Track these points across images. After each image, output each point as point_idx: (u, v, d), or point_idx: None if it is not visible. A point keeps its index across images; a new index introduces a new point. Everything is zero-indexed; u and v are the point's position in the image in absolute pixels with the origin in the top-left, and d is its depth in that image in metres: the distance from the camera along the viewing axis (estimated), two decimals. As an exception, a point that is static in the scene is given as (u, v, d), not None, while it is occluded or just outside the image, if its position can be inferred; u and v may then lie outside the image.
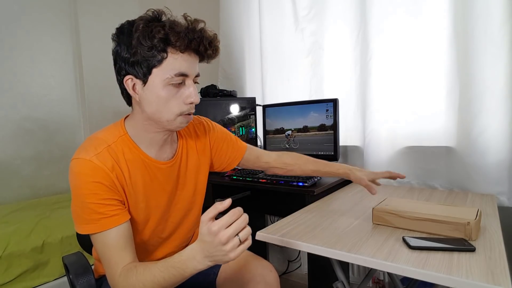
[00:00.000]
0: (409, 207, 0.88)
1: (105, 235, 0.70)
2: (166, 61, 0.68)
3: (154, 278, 0.64)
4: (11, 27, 2.09)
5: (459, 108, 1.28)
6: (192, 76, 0.73)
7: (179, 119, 0.74)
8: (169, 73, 0.69)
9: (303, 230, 0.86)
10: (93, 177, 0.69)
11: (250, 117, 1.78)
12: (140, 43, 0.67)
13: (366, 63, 1.47)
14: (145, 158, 0.78)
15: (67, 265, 0.84)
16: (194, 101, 0.73)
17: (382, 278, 1.61)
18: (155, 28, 0.66)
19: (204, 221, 0.58)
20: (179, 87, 0.71)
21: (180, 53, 0.69)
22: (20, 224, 1.53)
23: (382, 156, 1.47)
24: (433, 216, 0.80)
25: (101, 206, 0.69)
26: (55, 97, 2.27)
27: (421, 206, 0.91)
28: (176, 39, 0.67)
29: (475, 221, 0.75)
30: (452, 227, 0.77)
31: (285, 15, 1.77)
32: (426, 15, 1.35)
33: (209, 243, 0.58)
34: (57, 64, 2.30)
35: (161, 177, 0.82)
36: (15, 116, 2.08)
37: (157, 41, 0.66)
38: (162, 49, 0.67)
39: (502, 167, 1.19)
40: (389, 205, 0.91)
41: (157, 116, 0.73)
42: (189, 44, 0.68)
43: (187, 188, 0.89)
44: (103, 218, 0.69)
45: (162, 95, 0.70)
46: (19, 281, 1.38)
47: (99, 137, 0.75)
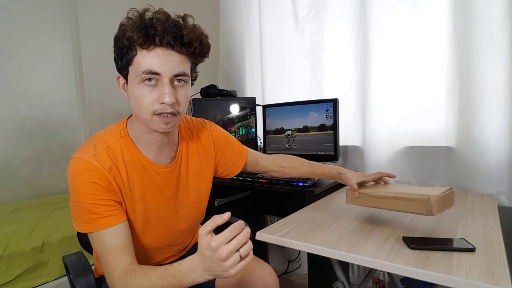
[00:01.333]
0: (381, 188, 0.91)
1: (102, 234, 0.70)
2: (136, 59, 0.68)
3: (152, 284, 0.64)
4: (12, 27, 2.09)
5: (459, 108, 1.28)
6: (168, 75, 0.68)
7: (155, 119, 0.70)
8: (138, 71, 0.68)
9: (303, 230, 0.86)
10: (90, 178, 0.69)
11: (250, 117, 1.78)
12: (116, 42, 0.70)
13: (366, 63, 1.47)
14: (144, 160, 0.78)
15: (67, 265, 0.84)
16: (166, 101, 0.68)
17: (382, 278, 1.61)
18: (123, 27, 0.68)
19: (203, 235, 0.57)
20: (155, 85, 0.69)
21: (146, 50, 0.67)
22: (20, 224, 1.53)
23: (382, 156, 1.47)
24: (399, 194, 0.82)
25: (97, 206, 0.70)
26: (55, 97, 2.27)
27: (394, 187, 0.93)
28: (137, 36, 0.66)
29: (437, 196, 0.76)
30: (415, 204, 0.78)
31: (285, 15, 1.77)
32: (426, 15, 1.35)
33: (208, 258, 0.57)
34: (57, 64, 2.30)
35: (159, 181, 0.81)
36: (15, 116, 2.08)
37: (125, 39, 0.67)
38: (129, 47, 0.68)
39: (502, 167, 1.19)
40: (363, 188, 0.94)
41: (138, 115, 0.73)
42: (151, 39, 0.66)
43: (189, 193, 0.88)
44: (99, 218, 0.70)
45: (136, 93, 0.70)
46: (19, 281, 1.38)
47: (101, 136, 0.76)
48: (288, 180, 1.31)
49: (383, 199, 0.85)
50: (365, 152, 1.52)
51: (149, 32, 0.66)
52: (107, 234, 0.70)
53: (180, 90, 0.72)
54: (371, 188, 0.93)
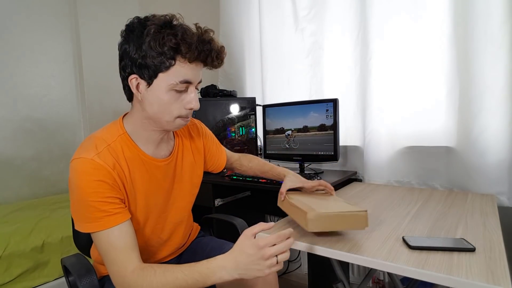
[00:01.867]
0: (306, 197, 0.93)
1: (108, 233, 0.70)
2: (173, 68, 0.70)
3: (176, 280, 0.65)
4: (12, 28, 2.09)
5: (459, 108, 1.28)
6: (195, 84, 0.76)
7: (177, 121, 0.76)
8: (174, 80, 0.71)
9: (303, 230, 0.86)
10: (96, 176, 0.70)
11: (250, 117, 1.78)
12: (151, 48, 0.68)
13: (366, 63, 1.47)
14: (143, 156, 0.80)
15: (67, 266, 0.84)
16: (194, 107, 0.75)
17: (382, 278, 1.61)
18: (167, 36, 0.68)
19: (248, 235, 0.65)
20: (181, 92, 0.74)
21: (188, 63, 0.71)
22: (20, 224, 1.53)
23: (382, 156, 1.47)
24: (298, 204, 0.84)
25: (104, 204, 0.70)
26: (55, 97, 2.28)
27: (325, 199, 0.93)
28: (187, 50, 0.69)
29: (318, 214, 0.75)
30: (300, 216, 0.80)
31: (285, 15, 1.77)
32: (426, 15, 1.35)
33: (250, 256, 0.63)
34: (57, 64, 2.30)
35: (159, 175, 0.84)
36: (15, 116, 2.09)
37: (167, 49, 0.68)
38: (171, 57, 0.69)
39: (502, 167, 1.19)
40: (293, 194, 0.97)
41: (157, 117, 0.75)
42: (198, 55, 0.71)
43: (183, 186, 0.91)
44: (106, 216, 0.70)
45: (165, 99, 0.73)
46: (19, 281, 1.38)
47: (99, 136, 0.77)
48: (288, 180, 1.31)
49: (290, 206, 0.88)
50: (365, 152, 1.52)
51: (200, 49, 0.70)
52: (114, 232, 0.70)
53: (197, 95, 0.79)
54: (299, 195, 0.95)
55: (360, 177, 1.59)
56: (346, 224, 0.78)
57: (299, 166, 1.62)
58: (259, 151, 1.82)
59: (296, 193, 0.98)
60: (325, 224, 0.76)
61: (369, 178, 1.51)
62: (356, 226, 0.78)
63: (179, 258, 1.01)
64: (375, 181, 1.49)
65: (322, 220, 0.76)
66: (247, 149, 1.77)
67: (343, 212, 0.77)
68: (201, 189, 1.01)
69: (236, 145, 1.76)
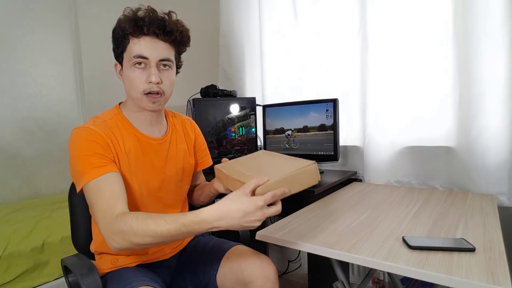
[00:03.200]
0: (244, 165, 0.85)
1: (97, 182, 0.74)
2: (129, 46, 0.83)
3: (157, 227, 0.65)
4: (11, 27, 2.09)
5: (459, 108, 1.28)
6: (154, 59, 0.83)
7: (144, 98, 0.84)
8: (130, 55, 0.82)
9: (303, 230, 0.86)
10: (90, 137, 0.79)
11: (250, 117, 1.78)
12: (113, 34, 0.85)
13: (366, 62, 1.47)
14: (137, 133, 0.89)
15: (68, 266, 0.83)
16: (152, 80, 0.82)
17: (382, 278, 1.61)
18: (119, 21, 0.83)
19: (246, 192, 0.66)
20: (143, 69, 0.83)
21: (136, 38, 0.82)
22: (20, 224, 1.53)
23: (382, 156, 1.47)
24: (236, 175, 0.77)
25: (93, 157, 0.77)
26: (55, 97, 2.28)
27: (259, 164, 0.85)
28: (129, 26, 0.81)
29: (261, 188, 0.66)
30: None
31: (285, 15, 1.77)
32: (426, 15, 1.35)
33: (247, 214, 0.64)
34: (57, 64, 2.30)
35: (152, 153, 0.91)
36: (16, 116, 2.08)
37: (120, 30, 0.83)
38: (123, 36, 0.83)
39: (502, 167, 1.19)
40: (230, 163, 0.90)
41: (130, 95, 0.86)
42: (140, 28, 0.81)
43: (176, 169, 0.96)
44: (95, 168, 0.76)
45: (129, 75, 0.84)
46: (19, 281, 1.38)
47: (97, 116, 0.88)
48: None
49: (230, 178, 0.80)
50: (365, 152, 1.52)
51: (138, 23, 0.81)
52: (102, 181, 0.75)
53: (165, 73, 0.86)
54: (235, 165, 0.87)
55: (360, 177, 1.59)
56: (301, 183, 0.71)
57: (299, 166, 1.61)
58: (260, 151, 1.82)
59: (231, 163, 0.89)
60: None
61: (369, 178, 1.51)
62: (310, 182, 0.72)
63: (179, 257, 1.01)
64: (375, 181, 1.49)
65: (272, 188, 0.67)
66: (247, 149, 1.77)
67: (290, 173, 0.70)
68: (201, 189, 1.01)
69: (236, 145, 1.76)
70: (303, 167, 0.72)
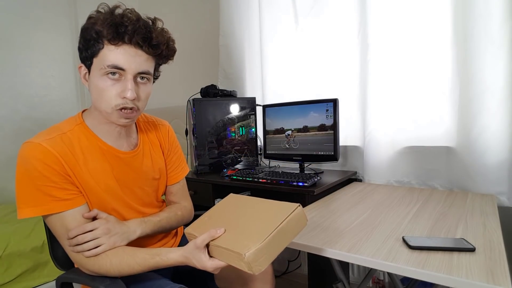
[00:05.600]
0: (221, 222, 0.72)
1: (61, 217, 0.72)
2: (102, 52, 0.70)
3: (131, 270, 0.72)
4: (12, 28, 2.09)
5: (459, 108, 1.28)
6: (132, 72, 0.72)
7: (115, 113, 0.73)
8: (103, 64, 0.70)
9: (303, 230, 0.86)
10: (42, 160, 0.69)
11: (250, 117, 1.78)
12: (83, 33, 0.72)
13: (366, 63, 1.47)
14: (103, 145, 0.79)
15: (81, 282, 0.80)
16: (128, 96, 0.71)
17: (382, 278, 1.61)
18: (93, 20, 0.70)
19: (200, 248, 0.68)
20: (118, 80, 0.72)
21: (113, 46, 0.70)
22: (20, 224, 1.53)
23: (382, 156, 1.47)
24: (223, 243, 0.65)
25: (51, 189, 0.70)
26: (55, 97, 2.28)
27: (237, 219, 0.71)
28: (107, 31, 0.68)
29: (255, 251, 0.58)
30: (235, 256, 0.61)
31: (285, 15, 1.77)
32: (426, 15, 1.35)
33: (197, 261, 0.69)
34: (57, 64, 2.30)
35: (122, 166, 0.82)
36: (16, 116, 2.09)
37: (93, 32, 0.69)
38: (96, 40, 0.70)
39: (502, 167, 1.19)
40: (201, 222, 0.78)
41: (98, 105, 0.75)
42: (119, 36, 0.69)
43: (152, 179, 0.89)
44: (55, 201, 0.70)
45: (99, 85, 0.72)
46: (19, 281, 1.38)
47: (55, 125, 0.78)
48: (288, 180, 1.31)
49: (218, 250, 0.66)
50: (365, 152, 1.52)
51: (119, 30, 0.69)
52: (67, 215, 0.72)
53: (142, 87, 0.75)
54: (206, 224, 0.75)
55: (360, 177, 1.59)
56: (291, 233, 0.66)
57: (299, 166, 1.62)
58: (259, 151, 1.82)
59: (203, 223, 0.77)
60: (270, 252, 0.61)
61: (369, 178, 1.51)
62: (299, 228, 0.67)
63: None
64: (375, 181, 1.49)
65: (264, 252, 0.60)
66: (247, 149, 1.77)
67: (280, 224, 0.62)
68: (201, 189, 1.01)
69: (236, 145, 1.76)
70: (290, 214, 0.64)
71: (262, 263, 0.60)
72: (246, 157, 1.78)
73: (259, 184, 1.38)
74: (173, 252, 0.71)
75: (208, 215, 0.80)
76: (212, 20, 2.14)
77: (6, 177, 2.03)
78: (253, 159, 1.79)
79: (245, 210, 0.74)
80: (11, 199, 2.03)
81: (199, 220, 0.79)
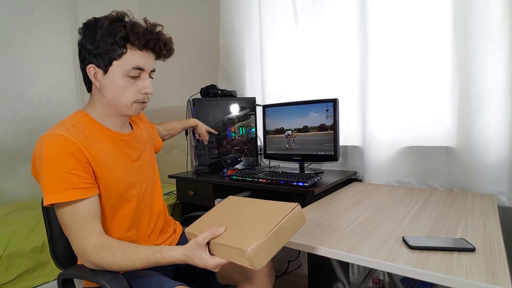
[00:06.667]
0: (221, 222, 0.74)
1: (73, 207, 0.74)
2: (125, 56, 0.80)
3: (132, 265, 0.73)
4: (12, 28, 2.09)
5: (459, 108, 1.28)
6: (148, 71, 0.85)
7: (135, 105, 0.86)
8: (127, 66, 0.81)
9: (303, 230, 0.86)
10: (65, 148, 0.74)
11: (250, 117, 1.78)
12: (104, 38, 0.78)
13: (366, 63, 1.47)
14: (110, 132, 0.87)
15: (84, 278, 0.81)
16: (149, 91, 0.85)
17: (382, 278, 1.61)
18: (117, 27, 0.78)
19: (202, 246, 0.69)
20: (135, 79, 0.83)
21: (138, 50, 0.81)
22: (20, 224, 1.53)
23: (382, 156, 1.47)
24: (224, 240, 0.67)
25: (71, 176, 0.73)
26: (55, 97, 2.28)
27: (237, 219, 0.73)
28: (135, 38, 0.79)
29: (257, 246, 0.60)
30: (236, 253, 0.63)
31: (285, 15, 1.77)
32: (426, 15, 1.35)
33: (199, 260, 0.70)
34: (57, 64, 2.30)
35: (126, 148, 0.91)
36: (16, 116, 2.09)
37: (119, 38, 0.78)
38: (122, 45, 0.79)
39: (502, 167, 1.19)
40: (201, 222, 0.79)
41: (116, 102, 0.84)
42: (146, 43, 0.81)
43: (146, 157, 0.99)
44: (71, 189, 0.73)
45: (121, 84, 0.82)
46: (19, 281, 1.38)
47: (62, 121, 0.82)
48: (288, 180, 1.31)
49: (219, 247, 0.69)
50: (365, 152, 1.52)
51: (147, 37, 0.80)
52: (79, 206, 0.74)
53: (151, 83, 0.88)
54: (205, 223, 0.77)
55: (360, 177, 1.59)
56: (290, 231, 0.68)
57: (299, 166, 1.62)
58: (259, 151, 1.82)
59: (203, 222, 0.79)
60: (270, 248, 0.64)
61: (369, 178, 1.51)
62: (298, 227, 0.70)
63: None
64: (375, 181, 1.49)
65: (265, 247, 0.62)
66: (247, 149, 1.77)
67: (280, 222, 0.65)
68: (201, 189, 1.01)
69: (236, 145, 1.76)
70: (289, 212, 0.66)
71: (263, 258, 0.63)
72: (246, 157, 1.78)
73: (259, 184, 1.38)
74: (174, 250, 0.73)
75: (208, 216, 0.82)
76: (212, 20, 2.14)
77: (6, 177, 2.03)
78: (253, 159, 1.79)
79: (245, 210, 0.77)
80: (11, 199, 2.03)
81: (199, 220, 0.81)
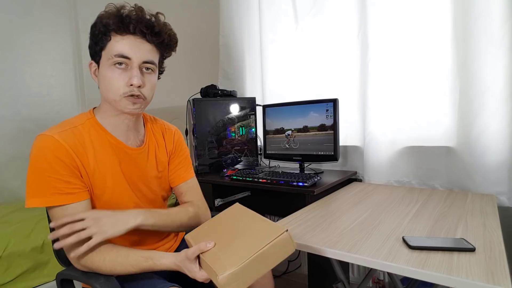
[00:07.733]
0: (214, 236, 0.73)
1: (62, 209, 0.73)
2: (109, 44, 0.76)
3: (123, 270, 0.73)
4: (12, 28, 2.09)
5: (459, 108, 1.28)
6: (137, 60, 0.76)
7: (123, 100, 0.77)
8: (111, 54, 0.75)
9: (303, 230, 0.86)
10: (53, 152, 0.72)
11: (250, 117, 1.78)
12: (92, 29, 0.78)
13: (366, 63, 1.47)
14: (112, 139, 0.82)
15: (77, 279, 0.80)
16: (135, 83, 0.75)
17: (382, 278, 1.61)
18: (99, 16, 0.76)
19: (191, 259, 0.68)
20: (124, 70, 0.76)
21: (120, 36, 0.75)
22: (20, 224, 1.53)
23: (382, 156, 1.47)
24: (206, 258, 0.66)
25: (57, 181, 0.72)
26: (55, 97, 2.28)
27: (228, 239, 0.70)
28: (113, 22, 0.74)
29: (229, 275, 0.58)
30: (214, 274, 0.62)
31: (285, 15, 1.77)
32: (426, 15, 1.34)
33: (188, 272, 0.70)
34: (57, 64, 2.30)
35: (128, 160, 0.85)
36: (16, 116, 2.08)
37: (101, 25, 0.75)
38: (104, 33, 0.75)
39: (502, 167, 1.19)
40: (201, 230, 0.80)
41: (106, 95, 0.79)
42: (126, 27, 0.74)
43: (155, 178, 0.91)
44: (57, 194, 0.72)
45: (107, 75, 0.77)
46: (19, 281, 1.38)
47: (68, 120, 0.81)
48: (288, 180, 1.31)
49: (201, 259, 0.68)
50: (365, 152, 1.52)
51: (124, 20, 0.74)
52: (67, 208, 0.73)
53: (148, 77, 0.80)
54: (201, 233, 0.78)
55: (360, 177, 1.59)
56: (274, 258, 0.62)
57: (299, 166, 1.62)
58: (259, 151, 1.82)
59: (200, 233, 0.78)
60: (245, 278, 0.60)
61: (369, 178, 1.51)
62: (284, 254, 0.63)
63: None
64: (375, 181, 1.49)
65: (240, 276, 0.59)
66: (247, 149, 1.77)
67: (262, 249, 0.60)
68: (201, 189, 1.01)
69: (236, 145, 1.76)
70: (274, 238, 0.61)
71: (236, 287, 0.60)
72: (246, 157, 1.78)
73: (259, 184, 1.38)
74: (166, 258, 0.72)
75: (209, 223, 0.82)
76: (212, 20, 2.14)
77: (6, 177, 2.02)
78: (253, 159, 1.79)
79: (241, 224, 0.74)
80: (11, 199, 2.03)
81: (200, 227, 0.81)
